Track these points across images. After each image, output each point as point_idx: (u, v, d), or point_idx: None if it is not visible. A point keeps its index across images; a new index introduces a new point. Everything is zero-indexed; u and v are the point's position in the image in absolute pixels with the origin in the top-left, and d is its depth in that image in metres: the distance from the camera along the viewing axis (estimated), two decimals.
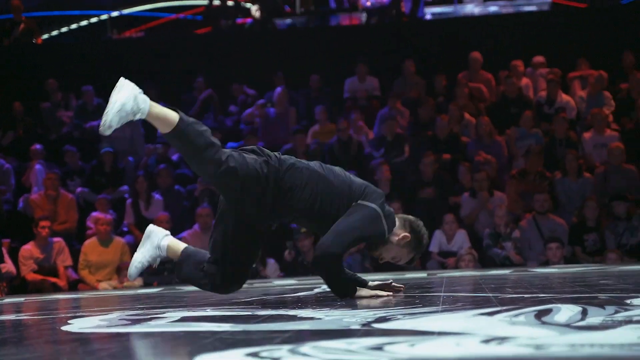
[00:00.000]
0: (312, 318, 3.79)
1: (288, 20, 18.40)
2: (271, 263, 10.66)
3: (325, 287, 6.62)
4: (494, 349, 2.49)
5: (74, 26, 21.75)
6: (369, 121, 13.06)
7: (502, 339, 2.67)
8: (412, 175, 11.66)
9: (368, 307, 4.31)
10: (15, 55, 16.48)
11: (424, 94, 13.55)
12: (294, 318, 3.84)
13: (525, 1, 19.04)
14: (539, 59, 13.78)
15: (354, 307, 4.30)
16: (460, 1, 18.96)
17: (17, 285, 10.48)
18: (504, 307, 3.69)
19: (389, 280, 5.36)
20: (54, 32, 20.21)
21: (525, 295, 4.45)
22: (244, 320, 3.98)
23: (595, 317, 3.22)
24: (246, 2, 19.70)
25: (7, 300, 8.24)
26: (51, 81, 14.49)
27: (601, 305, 3.68)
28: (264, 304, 4.59)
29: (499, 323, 3.13)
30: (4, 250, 10.18)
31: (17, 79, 15.17)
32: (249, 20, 19.01)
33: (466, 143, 12.23)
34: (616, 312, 3.38)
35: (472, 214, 10.93)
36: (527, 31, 15.28)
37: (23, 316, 5.64)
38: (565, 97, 12.99)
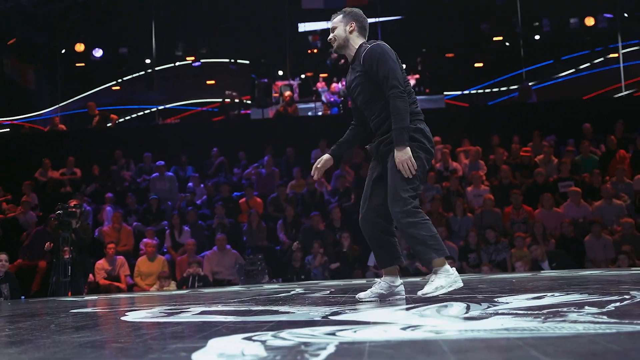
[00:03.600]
0: (288, 312, 3.74)
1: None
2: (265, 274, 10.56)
3: (298, 290, 6.57)
4: (409, 334, 2.47)
5: (133, 115, 21.79)
6: (327, 178, 13.06)
7: (414, 327, 2.66)
8: (356, 215, 11.64)
9: (326, 304, 4.26)
10: (94, 135, 16.45)
11: (364, 160, 13.58)
12: (276, 312, 3.79)
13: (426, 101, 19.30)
14: (436, 138, 13.78)
15: (317, 304, 4.24)
16: None
17: (93, 287, 10.39)
18: (416, 304, 3.66)
19: None
20: (120, 120, 20.19)
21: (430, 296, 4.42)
22: (243, 313, 3.92)
23: (475, 310, 3.23)
24: (247, 100, 19.84)
25: (87, 297, 8.14)
26: (118, 151, 14.45)
27: (479, 302, 3.66)
28: (257, 303, 4.51)
29: (413, 315, 3.11)
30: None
31: (95, 150, 15.11)
32: (249, 111, 19.09)
33: None
34: (488, 307, 3.39)
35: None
36: (435, 121, 15.39)
37: (97, 309, 5.55)
38: (454, 164, 13.08)
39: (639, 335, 2.19)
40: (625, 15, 20.62)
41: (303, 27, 22.79)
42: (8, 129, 20.24)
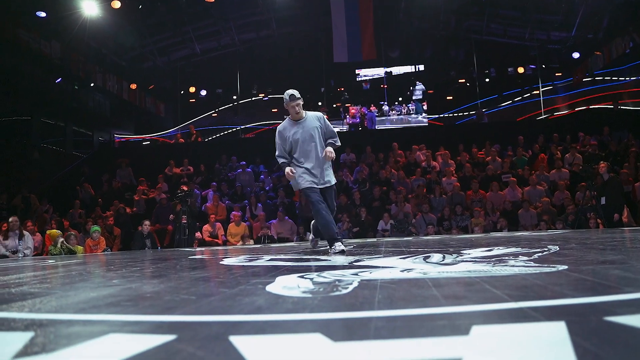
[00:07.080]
0: (326, 260, 3.74)
1: None
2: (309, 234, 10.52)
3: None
4: (405, 274, 2.44)
5: (226, 132, 21.83)
6: (350, 172, 12.83)
7: (409, 269, 2.63)
8: (371, 195, 11.54)
9: (351, 255, 4.24)
10: (201, 145, 16.38)
11: (374, 160, 13.37)
12: (318, 260, 3.79)
13: (416, 118, 19.11)
14: (422, 146, 13.57)
15: (345, 254, 4.23)
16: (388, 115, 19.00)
17: (201, 242, 10.43)
18: (410, 255, 3.64)
19: None
20: (217, 135, 20.03)
21: (419, 249, 4.39)
22: (297, 260, 3.93)
23: (448, 259, 3.17)
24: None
25: (197, 249, 8.21)
26: (223, 156, 14.40)
27: (451, 253, 3.61)
28: (306, 254, 4.52)
29: (408, 262, 3.09)
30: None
31: (201, 155, 15.09)
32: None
33: (393, 182, 12.01)
34: (457, 256, 3.33)
35: (395, 213, 10.75)
36: (421, 134, 15.23)
37: (204, 256, 5.59)
38: (434, 162, 12.84)
39: (554, 274, 2.16)
40: (543, 66, 21.28)
41: (361, 74, 22.54)
42: (149, 142, 20.66)
